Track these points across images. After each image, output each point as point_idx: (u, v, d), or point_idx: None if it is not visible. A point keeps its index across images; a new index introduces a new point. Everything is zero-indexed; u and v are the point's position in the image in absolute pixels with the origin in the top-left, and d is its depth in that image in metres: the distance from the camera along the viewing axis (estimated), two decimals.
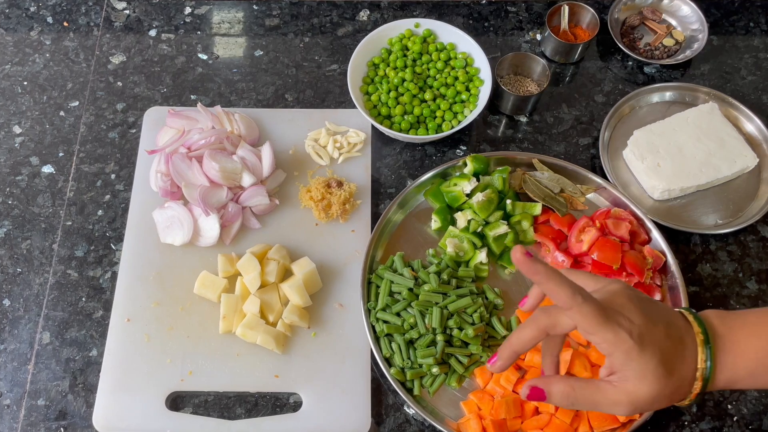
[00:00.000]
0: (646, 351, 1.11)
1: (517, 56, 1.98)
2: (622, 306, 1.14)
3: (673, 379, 1.13)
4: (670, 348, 1.14)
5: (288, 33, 2.12)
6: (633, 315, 1.13)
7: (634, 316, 1.13)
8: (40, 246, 1.81)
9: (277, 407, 1.64)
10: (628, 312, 1.13)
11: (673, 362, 1.14)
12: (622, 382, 1.14)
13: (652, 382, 1.12)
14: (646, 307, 1.16)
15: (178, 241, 1.77)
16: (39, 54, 2.07)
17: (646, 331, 1.12)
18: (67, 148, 1.93)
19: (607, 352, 1.13)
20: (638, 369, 1.12)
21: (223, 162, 1.78)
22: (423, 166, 1.92)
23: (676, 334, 1.16)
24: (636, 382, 1.12)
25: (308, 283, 1.71)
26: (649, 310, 1.16)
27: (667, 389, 1.13)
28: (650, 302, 1.18)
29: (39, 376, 1.67)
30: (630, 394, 1.13)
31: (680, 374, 1.15)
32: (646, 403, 1.13)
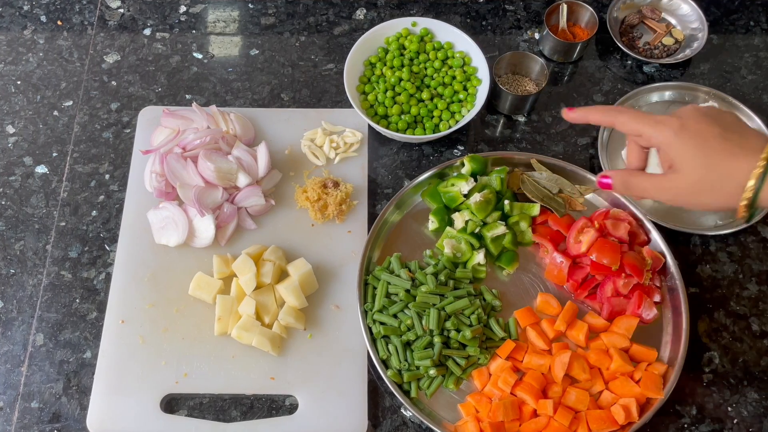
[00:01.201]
0: (684, 136, 1.28)
1: (515, 55, 1.98)
2: (681, 111, 1.34)
3: (715, 171, 1.26)
4: (717, 144, 1.26)
5: (284, 32, 2.12)
6: (685, 114, 1.32)
7: (685, 114, 1.32)
8: (33, 247, 1.82)
9: (273, 410, 1.65)
10: (681, 113, 1.33)
11: (717, 156, 1.25)
12: (670, 173, 1.32)
13: (691, 167, 1.27)
14: (706, 112, 1.32)
15: (173, 242, 1.77)
16: (32, 53, 2.07)
17: (691, 124, 1.29)
18: (61, 148, 1.93)
19: (655, 146, 1.36)
20: (678, 153, 1.29)
21: (218, 162, 1.79)
22: (420, 167, 1.92)
23: (734, 137, 1.26)
24: (679, 170, 1.29)
25: (304, 285, 1.71)
26: (709, 114, 1.32)
27: (707, 178, 1.26)
28: (719, 112, 1.33)
29: (32, 378, 1.67)
30: (672, 181, 1.31)
31: (724, 170, 1.25)
32: (685, 188, 1.30)
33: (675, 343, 1.68)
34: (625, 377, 1.62)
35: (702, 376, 1.71)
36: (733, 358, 1.73)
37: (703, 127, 1.28)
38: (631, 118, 1.36)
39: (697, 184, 1.27)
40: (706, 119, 1.29)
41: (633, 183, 1.38)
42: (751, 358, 1.73)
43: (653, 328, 1.71)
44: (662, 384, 1.61)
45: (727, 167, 1.24)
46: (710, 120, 1.29)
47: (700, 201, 1.30)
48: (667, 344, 1.70)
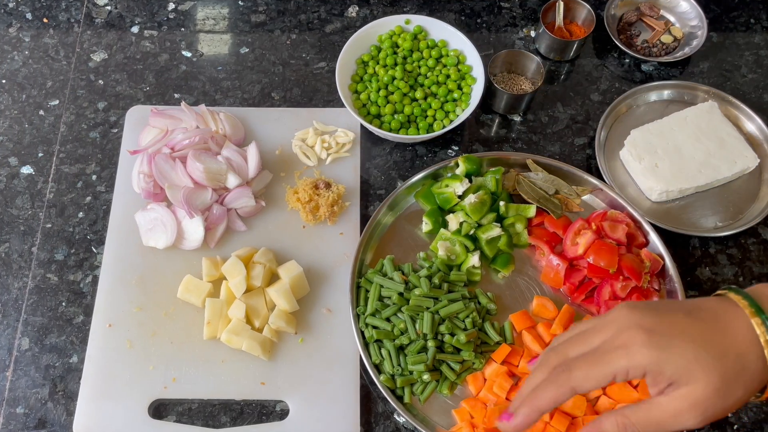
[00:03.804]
0: (674, 346, 1.06)
1: (510, 53, 1.98)
2: (620, 327, 1.11)
3: (729, 359, 1.06)
4: (704, 330, 1.08)
5: (274, 30, 2.12)
6: (635, 326, 1.09)
7: (637, 326, 1.09)
8: (18, 249, 1.82)
9: (264, 415, 1.65)
10: (628, 326, 1.10)
11: (717, 341, 1.07)
12: (674, 390, 1.07)
13: (704, 373, 1.05)
14: (652, 309, 1.12)
15: (162, 244, 1.77)
16: (18, 51, 2.07)
17: (661, 329, 1.08)
18: (47, 149, 1.93)
19: (639, 376, 1.08)
20: (679, 368, 1.05)
21: (207, 162, 1.79)
22: (414, 167, 1.93)
23: (707, 315, 1.10)
24: (688, 382, 1.05)
25: (295, 288, 1.71)
26: (657, 310, 1.12)
27: (729, 373, 1.05)
28: (658, 303, 1.15)
29: (18, 383, 1.67)
30: (688, 397, 1.05)
31: (735, 350, 1.06)
32: (713, 399, 1.05)
33: None
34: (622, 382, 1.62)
35: None
36: None
37: (672, 321, 1.09)
38: (589, 368, 1.10)
39: (723, 384, 1.04)
40: (664, 313, 1.11)
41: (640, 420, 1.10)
42: None
43: None
44: None
45: (735, 343, 1.06)
46: (665, 311, 1.11)
47: (735, 397, 1.06)
48: None
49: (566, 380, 1.10)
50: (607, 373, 1.08)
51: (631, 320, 1.10)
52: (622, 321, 1.11)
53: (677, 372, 1.05)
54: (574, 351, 1.14)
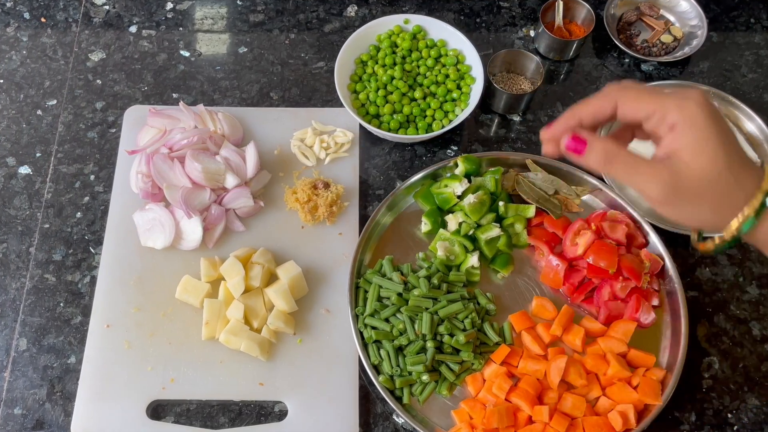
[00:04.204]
0: (714, 120, 1.06)
1: (510, 53, 1.98)
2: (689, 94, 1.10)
3: (726, 177, 1.06)
4: (736, 150, 1.07)
5: (273, 29, 2.13)
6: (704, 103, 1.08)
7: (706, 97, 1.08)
8: (16, 249, 1.82)
9: (262, 416, 1.65)
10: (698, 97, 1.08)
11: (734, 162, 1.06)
12: (673, 159, 1.08)
13: (706, 159, 1.06)
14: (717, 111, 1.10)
15: (160, 245, 1.77)
16: (15, 51, 2.07)
17: (717, 111, 1.08)
18: (45, 149, 1.93)
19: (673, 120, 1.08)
20: (701, 137, 1.06)
21: (205, 162, 1.79)
22: (413, 167, 1.93)
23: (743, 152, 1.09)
24: (688, 155, 1.06)
25: (294, 288, 1.71)
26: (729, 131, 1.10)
27: (722, 180, 1.06)
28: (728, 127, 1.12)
29: (15, 384, 1.67)
30: (672, 168, 1.08)
31: (732, 181, 1.06)
32: (686, 183, 1.07)
33: (674, 348, 1.68)
34: (622, 383, 1.62)
35: (701, 382, 1.72)
36: (733, 363, 1.73)
37: (723, 118, 1.08)
38: (642, 93, 1.11)
39: (709, 182, 1.06)
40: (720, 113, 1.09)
41: (621, 158, 1.11)
42: (752, 364, 1.73)
43: (651, 333, 1.71)
44: (660, 390, 1.61)
45: (744, 176, 1.06)
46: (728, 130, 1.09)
47: (699, 209, 1.09)
48: (665, 349, 1.70)
49: (613, 94, 1.15)
50: (654, 106, 1.10)
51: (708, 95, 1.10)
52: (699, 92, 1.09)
53: (693, 145, 1.06)
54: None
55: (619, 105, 1.14)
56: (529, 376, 1.64)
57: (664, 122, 1.09)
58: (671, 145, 1.09)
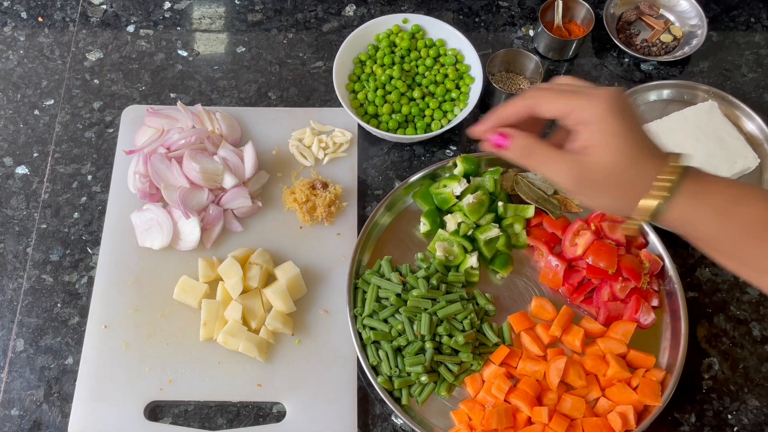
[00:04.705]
0: (619, 115, 1.16)
1: (509, 53, 1.98)
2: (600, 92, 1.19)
3: (637, 165, 1.16)
4: (642, 140, 1.18)
5: (271, 29, 2.13)
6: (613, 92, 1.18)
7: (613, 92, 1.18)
8: (13, 250, 1.82)
9: (260, 417, 1.65)
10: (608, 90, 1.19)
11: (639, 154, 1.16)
12: (584, 153, 1.18)
13: (611, 153, 1.16)
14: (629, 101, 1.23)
15: (157, 245, 1.78)
16: (13, 51, 2.07)
17: (625, 104, 1.18)
18: (42, 149, 1.93)
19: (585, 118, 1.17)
20: (606, 132, 1.16)
21: (203, 163, 1.79)
22: (411, 167, 1.93)
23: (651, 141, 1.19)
24: (596, 149, 1.17)
25: (292, 289, 1.72)
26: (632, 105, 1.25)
27: (628, 171, 1.16)
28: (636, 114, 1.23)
29: (12, 384, 1.68)
30: (588, 161, 1.17)
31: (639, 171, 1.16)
32: (594, 174, 1.17)
33: (673, 349, 1.68)
34: (622, 384, 1.63)
35: (701, 383, 1.72)
36: (733, 364, 1.74)
37: (634, 116, 1.19)
38: (555, 95, 1.22)
39: (612, 174, 1.17)
40: (634, 109, 1.21)
41: (537, 151, 1.23)
42: (752, 364, 1.73)
43: (651, 334, 1.72)
44: (660, 391, 1.62)
45: (646, 167, 1.16)
46: (635, 112, 1.21)
47: (604, 196, 1.20)
48: (665, 350, 1.70)
49: (532, 99, 1.24)
50: (567, 104, 1.19)
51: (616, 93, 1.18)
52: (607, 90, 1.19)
53: (600, 139, 1.16)
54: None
55: (537, 107, 1.23)
56: (528, 377, 1.64)
57: (577, 119, 1.19)
58: (583, 140, 1.18)
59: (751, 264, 1.18)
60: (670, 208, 1.16)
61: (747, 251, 1.17)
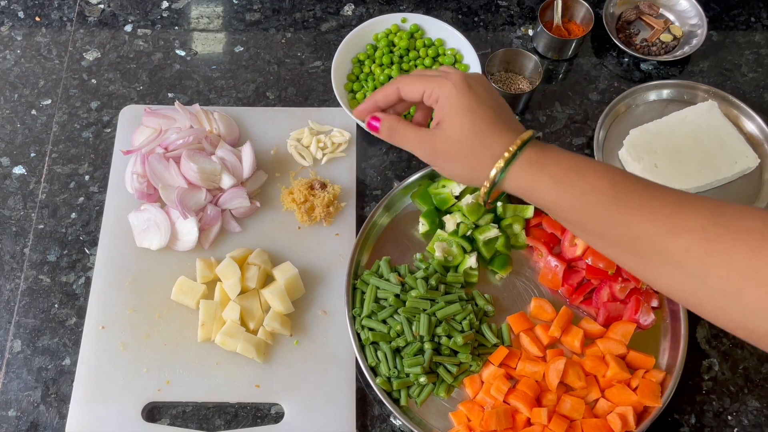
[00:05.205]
0: (465, 94, 1.30)
1: (508, 52, 1.98)
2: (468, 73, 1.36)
3: (478, 138, 1.29)
4: (490, 114, 1.30)
5: (269, 28, 2.13)
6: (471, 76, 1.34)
7: (471, 76, 1.34)
8: (10, 250, 1.82)
9: (258, 418, 1.65)
10: (468, 74, 1.35)
11: (486, 124, 1.29)
12: (437, 127, 1.34)
13: (456, 126, 1.30)
14: (490, 85, 1.38)
15: (155, 246, 1.78)
16: (10, 50, 2.07)
17: (475, 86, 1.32)
18: (39, 149, 1.93)
19: (437, 96, 1.34)
20: (453, 108, 1.30)
21: (201, 163, 1.79)
22: (410, 167, 1.93)
23: (502, 116, 1.33)
24: (446, 124, 1.31)
25: (290, 289, 1.71)
26: (491, 87, 1.37)
27: (469, 143, 1.30)
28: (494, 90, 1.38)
29: (9, 385, 1.67)
30: (435, 134, 1.33)
31: (487, 140, 1.29)
32: (445, 147, 1.32)
33: (673, 350, 1.68)
34: (621, 385, 1.63)
35: (701, 384, 1.72)
36: (734, 365, 1.74)
37: (482, 96, 1.31)
38: (413, 78, 1.38)
39: (458, 144, 1.30)
40: (486, 90, 1.33)
41: (399, 130, 1.41)
42: (752, 365, 1.73)
43: (651, 334, 1.72)
44: (660, 392, 1.62)
45: (487, 141, 1.28)
46: (489, 92, 1.34)
47: (454, 166, 1.34)
48: (665, 351, 1.70)
49: (395, 84, 1.41)
50: (423, 84, 1.35)
51: (470, 75, 1.35)
52: (467, 73, 1.37)
53: (449, 115, 1.31)
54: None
55: (400, 89, 1.40)
56: (527, 377, 1.64)
57: (431, 98, 1.36)
58: (437, 116, 1.35)
59: (595, 232, 1.26)
60: (509, 177, 1.28)
61: (587, 219, 1.24)
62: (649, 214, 1.17)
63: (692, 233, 1.11)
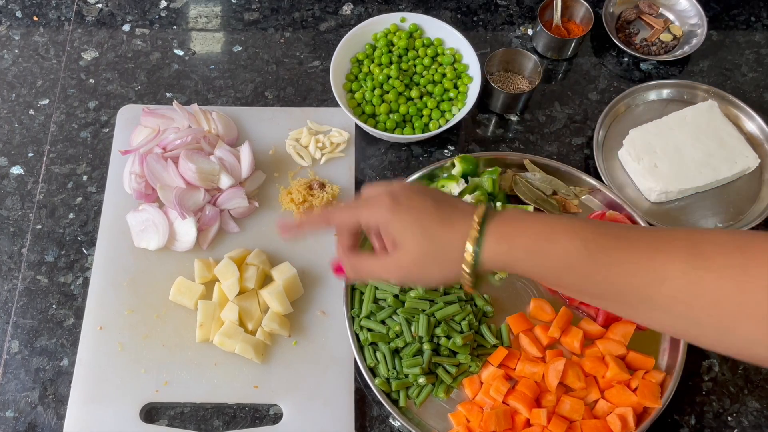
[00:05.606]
0: (400, 211, 1.24)
1: (507, 52, 1.98)
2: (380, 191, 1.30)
3: (435, 241, 1.23)
4: (432, 214, 1.24)
5: (268, 28, 2.13)
6: (395, 191, 1.28)
7: (395, 191, 1.28)
8: (8, 250, 1.82)
9: (257, 419, 1.65)
10: (391, 190, 1.29)
11: (434, 226, 1.23)
12: (395, 251, 1.26)
13: (411, 241, 1.23)
14: (416, 188, 1.31)
15: (153, 246, 1.77)
16: (7, 50, 2.07)
17: (403, 199, 1.26)
18: (37, 148, 1.93)
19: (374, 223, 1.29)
20: (397, 229, 1.24)
21: (200, 163, 1.79)
22: (409, 167, 1.93)
23: (446, 207, 1.26)
24: (400, 244, 1.24)
25: (289, 290, 1.71)
26: (418, 189, 1.31)
27: (429, 250, 1.23)
28: (425, 187, 1.35)
29: (7, 386, 1.67)
30: (396, 257, 1.26)
31: (444, 239, 1.23)
32: (411, 263, 1.25)
33: (673, 350, 1.68)
34: (621, 386, 1.63)
35: (701, 385, 1.72)
36: (734, 365, 1.74)
37: (415, 201, 1.27)
38: (342, 210, 1.34)
39: (421, 257, 1.25)
40: (416, 194, 1.29)
41: (363, 267, 1.34)
42: (752, 366, 1.73)
43: (650, 335, 1.71)
44: (660, 393, 1.62)
45: (446, 236, 1.23)
46: (420, 194, 1.29)
47: (429, 274, 1.27)
48: (664, 351, 1.70)
49: (326, 217, 1.35)
50: (354, 215, 1.31)
51: (394, 189, 1.29)
52: (390, 188, 1.30)
53: (397, 237, 1.25)
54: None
55: (332, 223, 1.35)
56: (526, 378, 1.64)
57: (369, 228, 1.34)
58: (386, 240, 1.30)
59: (577, 291, 1.23)
60: (486, 258, 1.21)
61: (567, 282, 1.21)
62: (627, 268, 1.15)
63: (674, 281, 1.10)
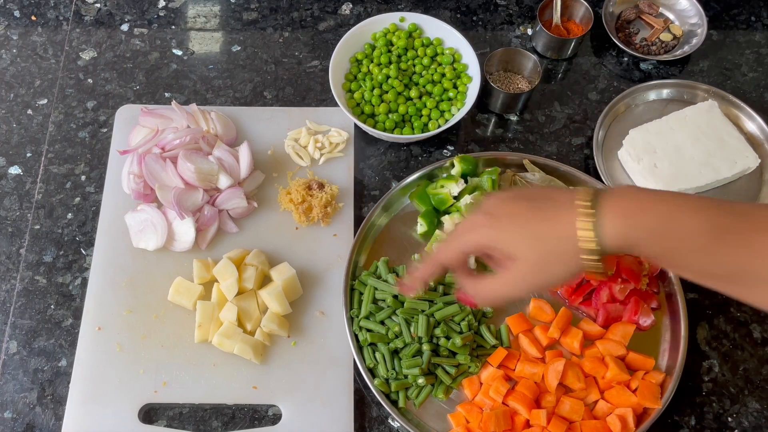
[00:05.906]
0: (501, 222, 1.25)
1: (507, 52, 1.98)
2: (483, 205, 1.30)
3: (547, 240, 1.21)
4: (532, 215, 1.23)
5: (267, 27, 2.13)
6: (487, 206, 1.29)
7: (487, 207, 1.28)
8: (6, 251, 1.81)
9: (256, 420, 1.65)
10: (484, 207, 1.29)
11: (539, 225, 1.22)
12: (512, 264, 1.24)
13: (521, 249, 1.23)
14: (506, 196, 1.30)
15: (152, 246, 1.77)
16: (5, 49, 2.07)
17: (498, 211, 1.27)
18: (35, 149, 1.93)
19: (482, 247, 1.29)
20: (504, 241, 1.24)
21: (198, 163, 1.79)
22: (408, 167, 1.93)
23: (546, 205, 1.24)
24: (513, 255, 1.23)
25: (288, 290, 1.71)
26: (509, 195, 1.30)
27: (545, 249, 1.22)
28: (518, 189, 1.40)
29: (5, 387, 1.67)
30: (516, 268, 1.24)
31: (554, 234, 1.21)
32: (532, 269, 1.23)
33: (673, 351, 1.68)
34: (621, 386, 1.63)
35: (701, 385, 1.72)
36: (734, 366, 1.74)
37: (510, 209, 1.26)
38: (446, 248, 1.34)
39: (538, 261, 1.23)
40: (508, 201, 1.28)
41: (486, 290, 1.32)
42: (753, 367, 1.73)
43: (650, 336, 1.72)
44: (660, 393, 1.62)
45: (553, 231, 1.21)
46: (512, 199, 1.28)
47: (552, 274, 1.24)
48: (664, 352, 1.70)
49: (434, 260, 1.36)
50: (459, 249, 1.32)
51: (486, 205, 1.29)
52: (482, 205, 1.31)
53: (508, 249, 1.24)
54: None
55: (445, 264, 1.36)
56: (526, 379, 1.64)
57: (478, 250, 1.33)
58: (501, 259, 1.28)
59: (698, 272, 1.20)
60: (607, 236, 1.17)
61: (690, 262, 1.19)
62: (754, 250, 1.13)
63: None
